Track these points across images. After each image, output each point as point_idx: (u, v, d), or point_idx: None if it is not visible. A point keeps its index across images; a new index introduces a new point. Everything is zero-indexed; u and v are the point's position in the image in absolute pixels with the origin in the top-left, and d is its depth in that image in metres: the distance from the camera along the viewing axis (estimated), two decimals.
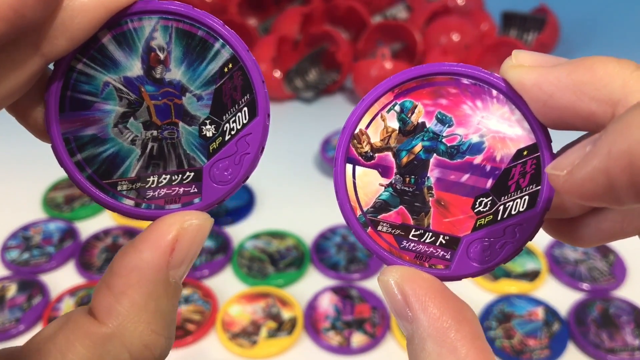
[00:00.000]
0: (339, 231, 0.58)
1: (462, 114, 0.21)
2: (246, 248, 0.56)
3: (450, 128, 0.21)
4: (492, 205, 0.21)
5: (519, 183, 0.21)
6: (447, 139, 0.21)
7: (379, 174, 0.22)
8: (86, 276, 0.53)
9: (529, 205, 0.21)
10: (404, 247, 0.22)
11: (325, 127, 0.72)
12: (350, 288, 0.52)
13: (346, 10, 0.89)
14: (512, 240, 0.21)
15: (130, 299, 0.20)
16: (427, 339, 0.20)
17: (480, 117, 0.21)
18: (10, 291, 0.51)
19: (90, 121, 0.21)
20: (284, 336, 0.47)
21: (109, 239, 0.57)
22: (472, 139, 0.21)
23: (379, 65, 0.75)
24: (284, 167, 0.69)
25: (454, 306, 0.20)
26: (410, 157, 0.22)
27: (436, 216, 0.22)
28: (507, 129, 0.21)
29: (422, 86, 0.21)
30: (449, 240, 0.22)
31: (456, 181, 0.21)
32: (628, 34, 0.99)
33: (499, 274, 0.53)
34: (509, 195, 0.21)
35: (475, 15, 0.89)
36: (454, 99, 0.21)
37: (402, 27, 0.84)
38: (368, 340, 0.47)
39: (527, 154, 0.21)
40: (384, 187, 0.22)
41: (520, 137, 0.21)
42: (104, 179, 0.21)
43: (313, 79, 0.85)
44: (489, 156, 0.21)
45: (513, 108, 0.21)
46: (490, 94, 0.21)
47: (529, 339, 0.47)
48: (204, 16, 0.21)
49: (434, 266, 0.22)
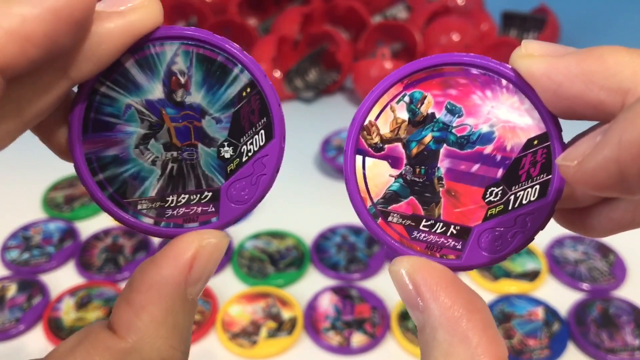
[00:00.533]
0: (339, 231, 0.58)
1: (471, 104, 0.21)
2: (246, 248, 0.56)
3: (460, 118, 0.21)
4: (503, 195, 0.21)
5: (530, 172, 0.21)
6: (457, 129, 0.21)
7: (389, 165, 0.22)
8: (86, 276, 0.53)
9: (540, 195, 0.21)
10: (414, 237, 0.22)
11: (325, 127, 0.72)
12: (350, 288, 0.52)
13: (346, 10, 0.89)
14: (523, 229, 0.21)
15: (149, 315, 0.21)
16: (438, 328, 0.20)
17: (490, 107, 0.21)
18: (10, 291, 0.51)
19: (112, 142, 0.22)
20: (284, 336, 0.47)
21: (109, 239, 0.57)
22: (482, 128, 0.21)
23: (379, 65, 0.75)
24: (284, 167, 0.68)
25: (465, 296, 0.20)
26: (420, 147, 0.22)
27: (447, 206, 0.22)
28: (517, 118, 0.21)
29: (432, 77, 0.21)
30: (460, 231, 0.22)
31: (467, 171, 0.21)
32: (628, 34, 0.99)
33: (499, 274, 0.53)
34: (519, 185, 0.21)
35: (475, 15, 0.89)
36: (463, 89, 0.21)
37: (402, 27, 0.84)
38: (368, 340, 0.47)
39: (538, 143, 0.21)
40: (394, 178, 0.22)
41: (531, 127, 0.21)
42: (124, 198, 0.22)
43: (313, 79, 0.85)
44: (499, 146, 0.21)
45: (523, 98, 0.21)
46: (499, 84, 0.21)
47: (529, 339, 0.47)
48: (223, 42, 0.21)
49: (445, 256, 0.22)
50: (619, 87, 0.19)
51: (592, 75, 0.19)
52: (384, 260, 0.55)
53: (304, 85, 0.84)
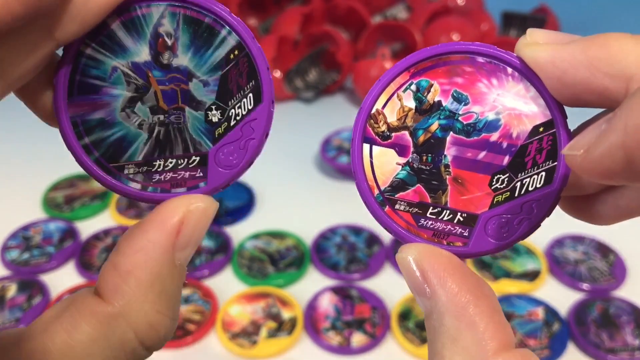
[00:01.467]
0: (339, 231, 0.58)
1: (477, 92, 0.21)
2: (246, 248, 0.56)
3: (466, 106, 0.21)
4: (509, 182, 0.21)
5: (536, 159, 0.21)
6: (463, 117, 0.21)
7: (396, 153, 0.22)
8: (86, 276, 0.53)
9: (546, 182, 0.21)
10: (421, 225, 0.22)
11: (325, 127, 0.72)
12: (350, 288, 0.52)
13: (346, 10, 0.89)
14: (529, 216, 0.21)
15: (136, 279, 0.20)
16: (445, 314, 0.20)
17: (496, 95, 0.21)
18: (10, 291, 0.51)
19: (98, 105, 0.21)
20: (284, 336, 0.47)
21: (109, 239, 0.57)
22: (488, 116, 0.21)
23: (379, 66, 0.75)
24: (284, 167, 0.69)
25: (472, 282, 0.20)
26: (427, 135, 0.22)
27: (453, 194, 0.22)
28: (523, 105, 0.21)
29: (438, 65, 0.21)
30: (467, 218, 0.22)
31: (473, 159, 0.21)
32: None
33: (499, 274, 0.53)
34: (525, 172, 0.21)
35: (475, 15, 0.89)
36: (469, 77, 0.21)
37: (402, 27, 0.84)
38: (368, 340, 0.47)
39: (543, 131, 0.21)
40: (401, 166, 0.22)
41: (536, 114, 0.21)
42: (111, 162, 0.22)
43: (313, 79, 0.85)
44: (505, 133, 0.21)
45: (528, 85, 0.21)
46: (505, 72, 0.21)
47: (529, 339, 0.47)
48: (210, 3, 0.21)
49: (452, 244, 0.22)
50: (623, 74, 0.19)
51: (596, 61, 0.19)
52: (384, 260, 0.55)
53: (304, 85, 0.84)
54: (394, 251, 0.55)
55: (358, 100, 0.83)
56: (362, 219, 0.60)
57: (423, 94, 0.22)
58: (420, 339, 0.47)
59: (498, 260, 0.54)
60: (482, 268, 0.53)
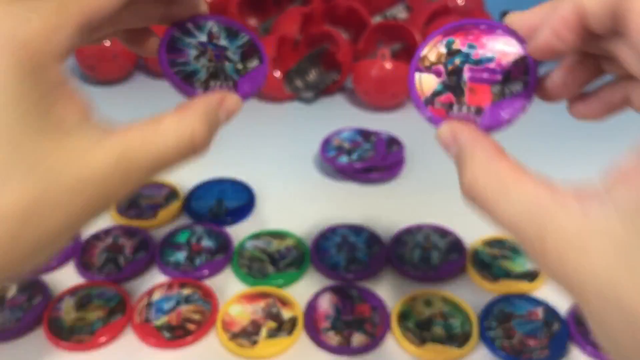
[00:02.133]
0: (339, 231, 0.58)
1: (481, 43, 0.36)
2: (246, 248, 0.56)
3: (475, 50, 0.36)
4: (501, 89, 0.35)
5: (517, 75, 0.35)
6: (473, 56, 0.36)
7: (435, 76, 0.37)
8: (86, 276, 0.53)
9: (524, 87, 0.35)
10: (450, 114, 0.36)
11: (325, 127, 0.72)
12: (350, 288, 0.52)
13: (346, 11, 0.89)
14: (514, 106, 0.36)
15: (193, 109, 0.34)
16: (464, 145, 0.33)
17: (492, 44, 0.36)
18: (11, 291, 0.51)
19: (181, 55, 0.39)
20: (284, 336, 0.47)
21: (109, 238, 0.57)
22: (487, 54, 0.36)
23: (379, 66, 0.75)
24: (284, 167, 0.69)
25: (480, 132, 0.34)
26: (453, 66, 0.36)
27: (469, 96, 0.36)
28: (508, 48, 0.35)
29: (458, 30, 0.37)
30: (477, 109, 0.36)
31: (480, 77, 0.36)
32: None
33: (499, 275, 0.53)
34: (511, 82, 0.35)
35: (475, 15, 0.89)
36: (477, 35, 0.36)
37: (402, 28, 0.84)
38: (368, 340, 0.47)
39: (520, 60, 0.35)
40: (437, 83, 0.36)
41: (516, 52, 0.35)
42: (187, 80, 0.39)
43: (313, 79, 0.85)
44: (498, 63, 0.35)
45: (510, 38, 0.35)
46: (497, 32, 0.36)
47: (529, 339, 0.47)
48: (241, 27, 0.40)
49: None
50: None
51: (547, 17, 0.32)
52: (384, 260, 0.55)
53: (304, 86, 0.84)
54: (394, 250, 0.56)
55: (358, 101, 0.83)
56: (362, 219, 0.60)
57: (451, 45, 0.36)
58: (420, 338, 0.47)
59: (498, 261, 0.54)
60: (482, 268, 0.54)
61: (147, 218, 0.60)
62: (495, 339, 0.47)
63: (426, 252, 0.55)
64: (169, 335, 0.47)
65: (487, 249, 0.56)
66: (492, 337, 0.47)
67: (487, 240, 0.57)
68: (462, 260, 0.55)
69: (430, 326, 0.48)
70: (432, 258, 0.55)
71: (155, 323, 0.48)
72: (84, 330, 0.48)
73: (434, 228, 0.58)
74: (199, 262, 0.54)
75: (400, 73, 0.76)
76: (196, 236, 0.57)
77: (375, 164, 0.65)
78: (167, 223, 0.60)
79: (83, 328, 0.48)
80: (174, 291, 0.51)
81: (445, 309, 0.50)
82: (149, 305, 0.50)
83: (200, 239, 0.57)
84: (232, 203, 0.62)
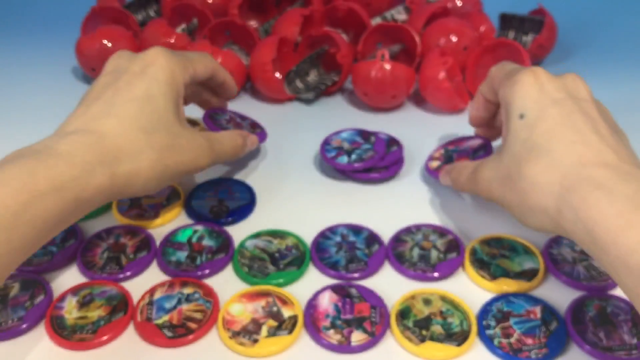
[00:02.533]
0: (339, 231, 0.58)
1: (462, 143, 0.60)
2: (247, 247, 0.57)
3: (458, 149, 0.57)
4: (473, 156, 0.59)
5: (479, 152, 0.60)
6: (457, 152, 0.53)
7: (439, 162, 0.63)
8: (88, 275, 0.54)
9: (484, 154, 0.59)
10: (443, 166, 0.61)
11: (325, 127, 0.72)
12: (350, 287, 0.52)
13: (346, 12, 0.90)
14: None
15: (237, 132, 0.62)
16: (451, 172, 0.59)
17: (469, 143, 0.62)
18: (13, 290, 0.51)
19: (217, 122, 0.61)
20: (285, 335, 0.48)
21: (111, 238, 0.57)
22: (466, 147, 0.58)
23: (379, 67, 0.76)
24: (284, 167, 0.69)
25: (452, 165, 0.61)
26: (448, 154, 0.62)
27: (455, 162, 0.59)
28: (475, 142, 0.62)
29: (451, 143, 0.65)
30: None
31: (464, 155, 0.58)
32: (626, 36, 1.00)
33: (497, 274, 0.53)
34: (478, 153, 0.59)
35: (474, 17, 0.90)
36: (460, 142, 0.64)
37: (402, 29, 0.85)
38: (367, 339, 0.47)
39: (482, 145, 0.61)
40: (439, 163, 0.63)
41: (480, 142, 0.61)
42: (217, 124, 0.61)
43: (313, 80, 0.86)
44: (472, 148, 0.59)
45: (477, 139, 0.62)
46: (470, 140, 0.64)
47: (527, 338, 0.47)
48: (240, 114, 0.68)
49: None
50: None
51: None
52: (383, 259, 0.55)
53: (304, 87, 0.84)
54: (393, 249, 0.56)
55: (358, 101, 0.83)
56: (362, 219, 0.60)
57: (447, 149, 0.61)
58: (419, 337, 0.47)
59: (496, 260, 0.55)
60: (480, 267, 0.54)
61: (148, 218, 0.60)
62: (494, 338, 0.47)
63: (425, 251, 0.56)
64: (170, 333, 0.48)
65: (486, 248, 0.56)
66: (491, 336, 0.48)
67: (485, 239, 0.57)
68: (460, 259, 0.55)
69: (429, 325, 0.49)
70: (431, 257, 0.55)
71: (156, 322, 0.49)
72: (86, 329, 0.48)
73: (433, 227, 0.59)
74: (200, 262, 0.55)
75: (400, 74, 0.76)
76: (197, 236, 0.58)
77: (374, 164, 0.65)
78: (169, 223, 0.61)
79: (85, 327, 0.48)
80: (175, 290, 0.52)
81: (444, 308, 0.50)
82: (150, 304, 0.50)
83: (201, 238, 0.57)
84: (232, 203, 0.63)
